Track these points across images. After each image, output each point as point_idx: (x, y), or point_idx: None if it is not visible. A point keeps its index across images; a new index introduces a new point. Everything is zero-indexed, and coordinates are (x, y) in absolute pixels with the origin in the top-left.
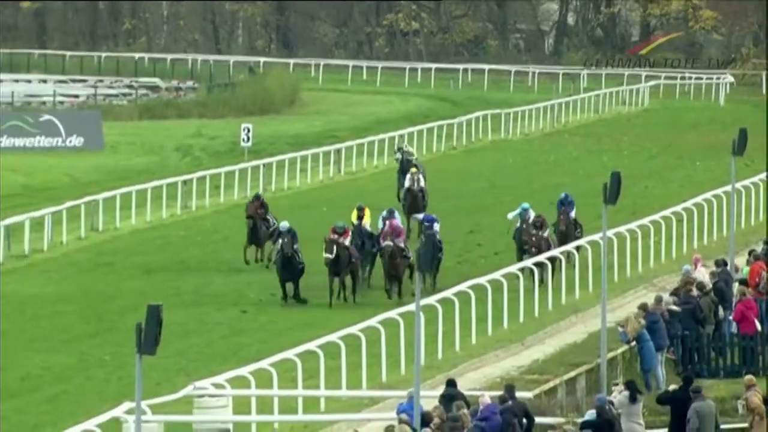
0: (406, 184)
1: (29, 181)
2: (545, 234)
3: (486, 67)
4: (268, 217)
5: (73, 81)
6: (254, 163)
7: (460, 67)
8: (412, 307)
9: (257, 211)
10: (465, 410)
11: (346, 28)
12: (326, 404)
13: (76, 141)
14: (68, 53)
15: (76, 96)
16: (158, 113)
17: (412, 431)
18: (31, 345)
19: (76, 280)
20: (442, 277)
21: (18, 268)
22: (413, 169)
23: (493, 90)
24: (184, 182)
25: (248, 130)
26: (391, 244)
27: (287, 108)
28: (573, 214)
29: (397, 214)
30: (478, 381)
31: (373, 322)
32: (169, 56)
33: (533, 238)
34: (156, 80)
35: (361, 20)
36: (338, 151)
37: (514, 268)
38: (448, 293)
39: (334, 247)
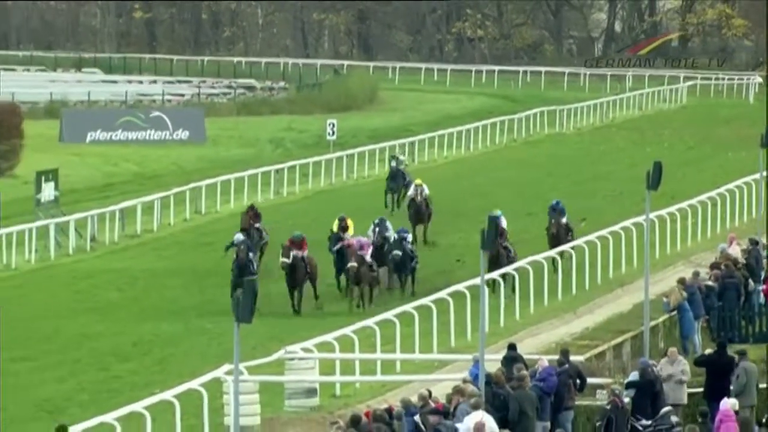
0: (410, 194)
1: (141, 170)
2: (504, 243)
3: (543, 69)
4: (259, 226)
5: (180, 82)
6: (338, 154)
7: (520, 69)
8: (477, 280)
9: (250, 222)
10: (525, 371)
11: (419, 35)
12: (401, 366)
13: (182, 134)
14: (175, 57)
15: (182, 95)
16: (254, 110)
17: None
18: (143, 314)
19: (182, 257)
20: None
21: (131, 246)
22: (417, 180)
23: (549, 89)
24: (277, 171)
25: (333, 125)
26: (355, 265)
27: (367, 105)
28: (564, 220)
29: (388, 223)
30: (536, 346)
31: (443, 294)
32: (264, 60)
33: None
34: (252, 81)
35: (433, 28)
36: (412, 144)
37: (568, 246)
38: (509, 269)
39: (291, 253)
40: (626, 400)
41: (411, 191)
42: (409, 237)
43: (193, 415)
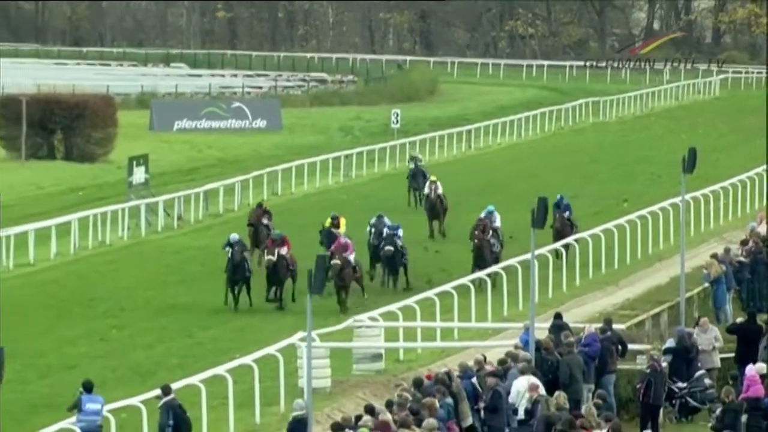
0: (426, 191)
1: (223, 156)
2: (488, 236)
3: (588, 63)
4: (268, 223)
5: (258, 75)
6: (401, 141)
7: (567, 63)
8: (528, 255)
9: (260, 218)
10: (571, 338)
11: (476, 32)
12: (459, 333)
13: (260, 123)
14: (254, 53)
15: (261, 87)
16: (325, 101)
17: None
18: (224, 286)
19: None
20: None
21: (214, 225)
22: (432, 177)
23: (594, 82)
24: (346, 156)
25: (397, 115)
26: (338, 262)
27: (428, 97)
28: (567, 215)
29: (386, 219)
30: (581, 315)
31: (496, 268)
32: (334, 56)
33: (476, 241)
34: (324, 75)
35: (488, 26)
36: (469, 132)
37: (611, 224)
38: (557, 245)
39: (276, 250)
40: (664, 364)
41: (426, 188)
42: (401, 232)
43: (269, 377)
